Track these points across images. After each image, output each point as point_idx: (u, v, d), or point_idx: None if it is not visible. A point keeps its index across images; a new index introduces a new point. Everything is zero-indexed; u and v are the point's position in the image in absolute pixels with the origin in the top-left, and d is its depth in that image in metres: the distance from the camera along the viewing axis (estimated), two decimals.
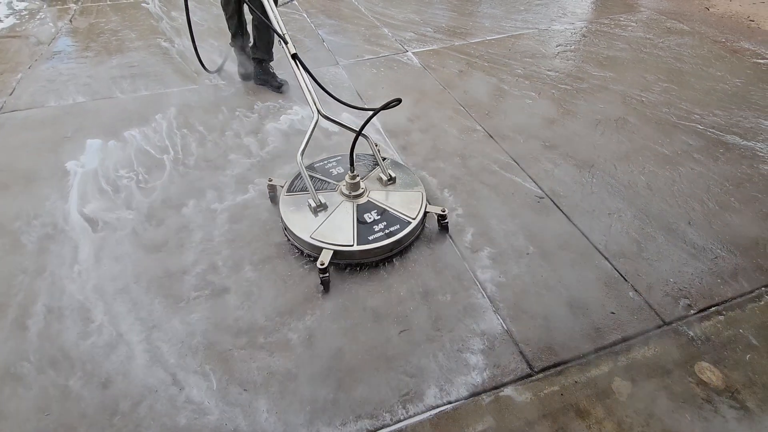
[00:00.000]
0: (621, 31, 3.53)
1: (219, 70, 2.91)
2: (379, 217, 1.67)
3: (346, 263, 1.62)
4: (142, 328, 1.44)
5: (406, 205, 1.73)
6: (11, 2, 4.40)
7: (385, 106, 1.53)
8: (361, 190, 1.75)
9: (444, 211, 1.73)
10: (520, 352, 1.39)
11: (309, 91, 1.85)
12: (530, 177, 2.11)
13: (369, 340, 1.42)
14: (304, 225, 1.63)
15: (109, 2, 4.40)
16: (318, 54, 3.26)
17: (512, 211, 1.91)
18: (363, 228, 1.62)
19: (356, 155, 1.71)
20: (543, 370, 1.35)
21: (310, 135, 1.76)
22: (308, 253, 1.64)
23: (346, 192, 1.76)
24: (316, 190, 1.71)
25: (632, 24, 3.66)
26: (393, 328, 1.45)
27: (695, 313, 1.50)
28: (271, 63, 2.74)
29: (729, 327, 1.46)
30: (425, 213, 1.73)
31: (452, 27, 3.71)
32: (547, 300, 1.55)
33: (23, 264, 1.65)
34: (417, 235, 1.74)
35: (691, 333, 1.44)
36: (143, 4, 4.29)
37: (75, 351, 1.37)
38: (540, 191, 2.02)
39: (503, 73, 2.97)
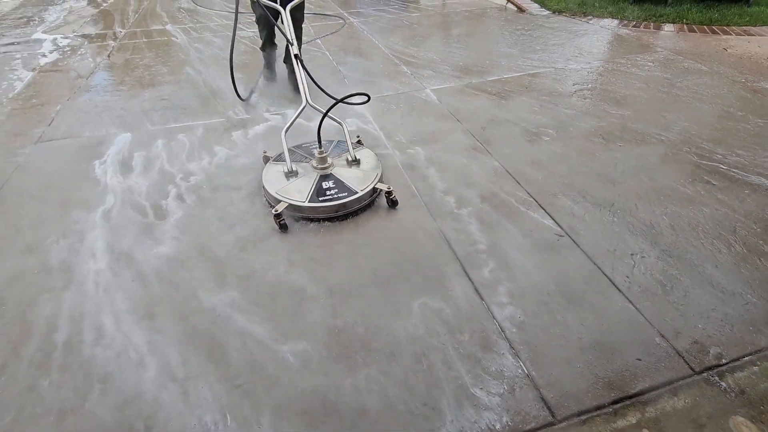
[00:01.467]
0: (638, 70, 3.58)
1: (248, 99, 3.08)
2: (333, 185, 2.06)
3: (300, 216, 2.02)
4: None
5: (360, 180, 2.11)
6: (56, 39, 4.73)
7: (350, 96, 2.07)
8: (326, 165, 2.17)
9: (390, 189, 2.09)
10: (542, 398, 1.34)
11: (303, 84, 2.32)
12: (549, 214, 2.09)
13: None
14: (274, 184, 2.08)
15: (144, 39, 4.69)
16: (339, 89, 3.37)
17: (531, 248, 1.89)
18: (318, 192, 2.04)
19: (338, 142, 2.33)
20: (566, 418, 1.29)
21: (296, 117, 2.24)
22: (272, 204, 2.04)
23: (315, 165, 2.17)
24: (295, 162, 2.19)
25: (649, 64, 3.70)
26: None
27: (727, 363, 1.43)
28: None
29: (765, 379, 1.38)
30: (374, 189, 2.09)
31: (469, 65, 3.81)
32: (569, 342, 1.50)
33: (51, 283, 1.70)
34: (364, 205, 2.09)
35: (724, 384, 1.36)
36: (173, 39, 4.56)
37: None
38: (559, 229, 2.00)
39: (520, 110, 3.01)
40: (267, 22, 3.11)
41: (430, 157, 2.51)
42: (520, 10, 5.39)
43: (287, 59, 3.31)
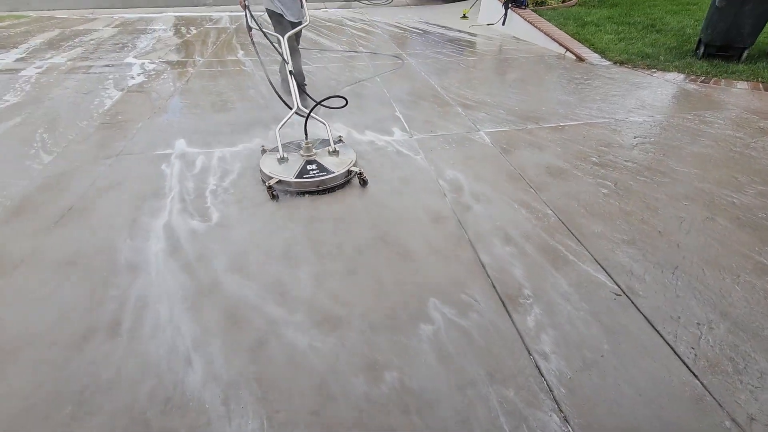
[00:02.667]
0: (707, 127, 3.42)
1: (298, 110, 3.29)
2: (316, 168, 2.58)
3: (287, 190, 2.54)
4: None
5: (337, 165, 2.63)
6: (144, 64, 5.27)
7: (328, 98, 2.69)
8: (311, 153, 2.70)
9: (361, 171, 2.61)
10: None
11: (295, 94, 2.83)
12: (604, 270, 1.99)
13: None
14: (268, 166, 2.60)
15: (219, 68, 5.11)
16: (392, 125, 3.48)
17: (584, 304, 1.79)
18: (303, 172, 2.55)
19: (323, 140, 2.91)
20: None
21: (287, 119, 2.78)
22: (266, 181, 2.53)
23: (302, 153, 2.71)
24: (288, 152, 2.74)
25: (719, 121, 3.54)
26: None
27: None
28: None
29: None
30: (348, 171, 2.61)
31: (525, 111, 3.82)
32: (622, 411, 1.38)
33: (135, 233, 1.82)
34: (340, 183, 2.59)
35: None
36: (244, 68, 4.93)
37: None
38: (616, 287, 1.89)
39: (577, 159, 2.95)
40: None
41: (478, 195, 2.49)
42: (580, 59, 5.38)
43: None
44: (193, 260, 2.01)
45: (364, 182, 2.62)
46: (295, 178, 2.51)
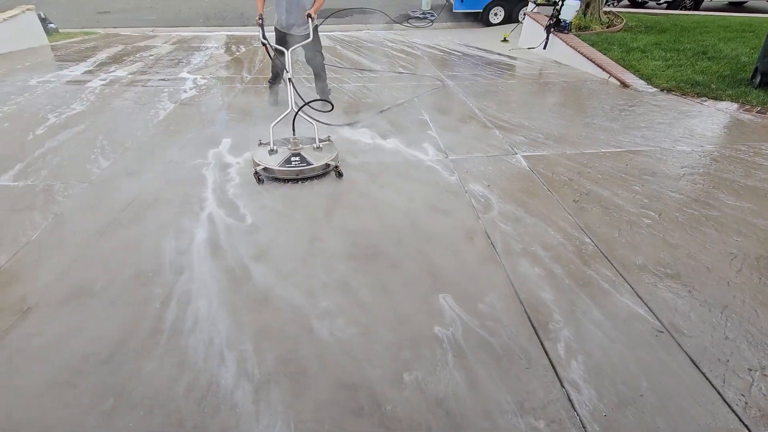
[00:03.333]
0: (763, 160, 3.24)
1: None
2: (298, 159, 2.92)
3: (273, 177, 2.88)
4: None
5: (318, 159, 2.96)
6: (196, 79, 5.61)
7: (314, 100, 3.20)
8: (298, 147, 3.03)
9: (337, 164, 2.98)
10: None
11: (291, 96, 3.20)
12: (645, 304, 1.90)
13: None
14: (258, 155, 2.97)
15: (264, 85, 5.36)
16: (428, 145, 3.51)
17: (622, 338, 1.72)
18: (287, 162, 2.89)
19: (313, 138, 3.16)
20: None
21: (282, 117, 3.11)
22: (254, 167, 2.92)
23: (290, 147, 3.02)
24: (279, 146, 3.07)
25: None
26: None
27: None
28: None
29: None
30: (326, 164, 2.93)
31: (564, 135, 3.75)
32: None
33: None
34: (318, 174, 2.92)
35: None
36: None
37: None
38: (658, 323, 1.80)
39: (618, 187, 2.86)
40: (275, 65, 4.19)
41: (513, 218, 2.46)
42: (624, 85, 5.25)
43: (317, 86, 4.44)
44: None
45: (339, 174, 2.96)
46: (278, 166, 2.86)
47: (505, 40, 8.56)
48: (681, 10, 9.61)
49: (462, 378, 1.55)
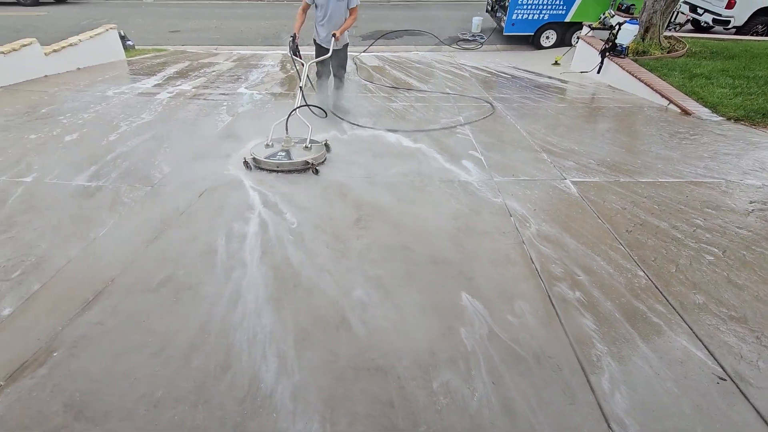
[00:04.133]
0: None
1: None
2: (284, 155, 3.37)
3: (259, 167, 3.33)
4: None
5: (301, 156, 3.36)
6: (252, 94, 5.93)
7: (310, 105, 3.66)
8: (289, 145, 3.49)
9: (314, 162, 3.31)
10: None
11: (297, 100, 3.67)
12: (705, 347, 1.77)
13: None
14: (255, 149, 3.47)
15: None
16: (473, 166, 3.48)
17: (676, 382, 1.59)
18: (273, 156, 3.34)
19: (311, 139, 3.53)
20: None
21: (285, 119, 3.54)
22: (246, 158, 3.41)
23: (283, 144, 3.49)
24: (276, 142, 3.52)
25: None
26: None
27: None
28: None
29: None
30: (306, 161, 3.31)
31: (617, 162, 3.60)
32: None
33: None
34: (296, 169, 3.30)
35: None
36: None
37: None
38: (719, 369, 1.66)
39: (677, 219, 2.69)
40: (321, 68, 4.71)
41: (559, 245, 2.37)
42: (685, 112, 4.98)
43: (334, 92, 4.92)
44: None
45: (316, 171, 3.30)
46: (264, 158, 3.30)
47: (556, 63, 8.42)
48: (752, 35, 9.05)
49: (498, 404, 1.50)
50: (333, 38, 4.14)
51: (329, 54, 4.15)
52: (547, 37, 9.90)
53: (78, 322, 1.83)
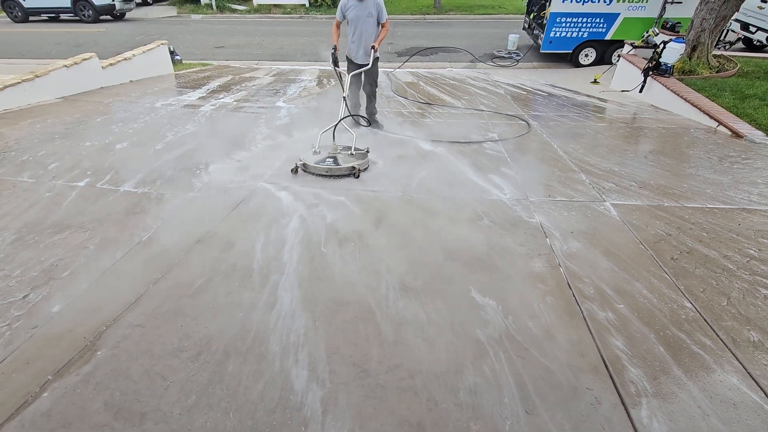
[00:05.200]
0: None
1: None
2: (332, 161, 3.59)
3: (309, 172, 3.56)
4: None
5: (347, 162, 3.58)
6: (290, 108, 6.12)
7: (351, 115, 4.16)
8: (337, 152, 3.72)
9: (360, 168, 3.56)
10: None
11: (342, 111, 3.91)
12: (762, 388, 1.63)
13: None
14: (304, 155, 3.69)
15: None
16: (507, 185, 3.42)
17: (727, 424, 1.48)
18: (322, 162, 3.57)
19: (355, 147, 3.81)
20: None
21: (329, 128, 3.88)
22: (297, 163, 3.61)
23: (330, 151, 3.73)
24: (323, 149, 3.76)
25: None
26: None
27: None
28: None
29: None
30: (352, 167, 3.53)
31: (661, 186, 3.45)
32: None
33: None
34: (344, 174, 3.53)
35: None
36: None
37: None
38: None
39: (728, 249, 2.54)
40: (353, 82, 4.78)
41: (599, 271, 2.28)
42: (736, 135, 4.73)
43: (368, 109, 5.13)
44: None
45: (357, 175, 3.52)
46: (314, 163, 3.53)
47: (595, 82, 8.23)
48: None
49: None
50: (372, 50, 4.39)
51: (369, 65, 4.38)
52: (587, 55, 9.72)
53: (120, 323, 1.91)
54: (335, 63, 4.31)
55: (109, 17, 15.45)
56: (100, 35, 12.90)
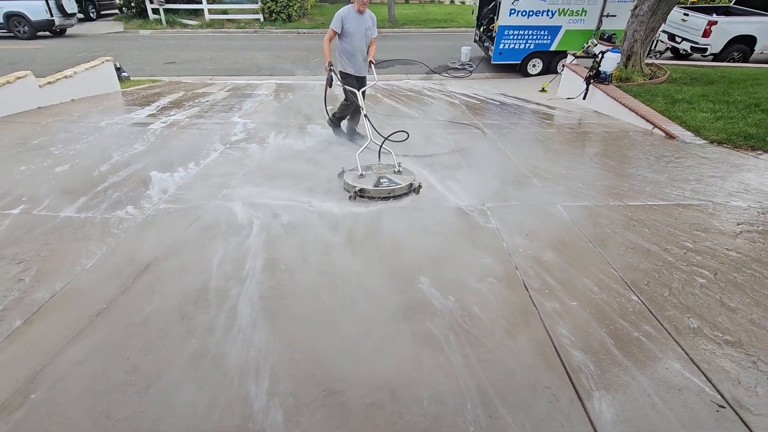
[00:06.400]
0: None
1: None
2: (387, 181, 3.42)
3: (368, 196, 3.34)
4: None
5: (402, 180, 3.44)
6: (246, 123, 6.00)
7: (393, 133, 3.80)
8: (382, 171, 3.59)
9: (419, 184, 3.48)
10: None
11: (369, 129, 3.92)
12: (703, 373, 1.74)
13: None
14: (351, 179, 3.43)
15: (307, 128, 5.65)
16: (464, 192, 3.50)
17: (675, 411, 1.56)
18: (377, 183, 3.39)
19: (387, 164, 3.72)
20: None
21: (364, 147, 3.78)
22: (348, 190, 3.40)
23: (375, 171, 3.61)
24: (365, 170, 3.58)
25: None
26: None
27: None
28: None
29: None
30: (410, 184, 3.42)
31: (607, 186, 3.65)
32: None
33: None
34: (405, 192, 3.39)
35: None
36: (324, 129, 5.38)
37: None
38: (718, 396, 1.63)
39: (667, 242, 2.71)
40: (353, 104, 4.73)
41: (552, 271, 2.36)
42: (669, 136, 5.11)
43: (354, 122, 5.08)
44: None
45: (417, 191, 3.44)
46: (373, 187, 3.34)
47: (543, 90, 8.65)
48: (728, 62, 9.41)
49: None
50: (371, 65, 4.48)
51: (375, 81, 4.66)
52: (534, 65, 10.21)
53: (60, 359, 1.77)
54: (330, 83, 4.20)
55: (48, 33, 14.61)
56: (38, 52, 12.16)
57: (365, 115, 3.91)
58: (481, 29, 11.05)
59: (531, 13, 9.41)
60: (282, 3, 16.12)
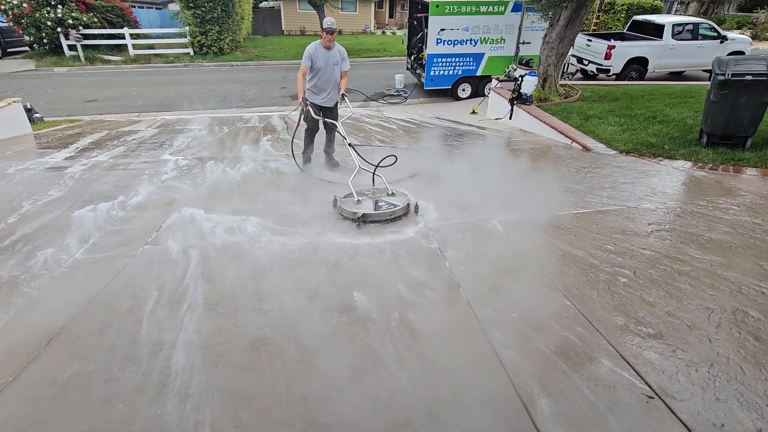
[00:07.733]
0: (722, 213, 3.41)
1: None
2: (385, 204, 3.56)
3: (371, 220, 3.43)
4: None
5: (399, 201, 3.59)
6: (177, 160, 5.74)
7: (382, 161, 3.83)
8: (377, 196, 3.72)
9: (416, 203, 3.66)
10: None
11: (356, 158, 4.09)
12: (632, 367, 1.87)
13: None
14: (350, 206, 3.54)
15: (247, 162, 5.51)
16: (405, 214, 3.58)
17: (612, 408, 1.65)
18: (376, 207, 3.52)
19: (376, 188, 3.86)
20: None
21: (355, 174, 3.91)
22: (348, 217, 3.47)
23: (370, 196, 3.73)
24: (360, 197, 3.70)
25: (734, 207, 3.53)
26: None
27: None
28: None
29: None
30: (408, 204, 3.59)
31: (536, 198, 3.90)
32: None
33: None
34: (404, 213, 3.55)
35: None
36: (271, 164, 5.29)
37: None
38: (647, 388, 1.76)
39: (592, 247, 2.93)
40: (313, 132, 4.98)
41: (491, 284, 2.45)
42: (586, 149, 5.61)
43: (328, 150, 5.19)
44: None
45: (416, 210, 3.60)
46: (374, 211, 3.47)
47: (473, 112, 9.19)
48: (628, 81, 10.64)
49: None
50: (344, 97, 4.75)
51: (351, 112, 5.25)
52: (463, 90, 10.86)
53: None
54: (306, 117, 4.47)
55: None
56: None
57: (350, 144, 4.13)
58: (412, 57, 11.62)
59: (456, 42, 10.06)
60: (212, 36, 15.89)
